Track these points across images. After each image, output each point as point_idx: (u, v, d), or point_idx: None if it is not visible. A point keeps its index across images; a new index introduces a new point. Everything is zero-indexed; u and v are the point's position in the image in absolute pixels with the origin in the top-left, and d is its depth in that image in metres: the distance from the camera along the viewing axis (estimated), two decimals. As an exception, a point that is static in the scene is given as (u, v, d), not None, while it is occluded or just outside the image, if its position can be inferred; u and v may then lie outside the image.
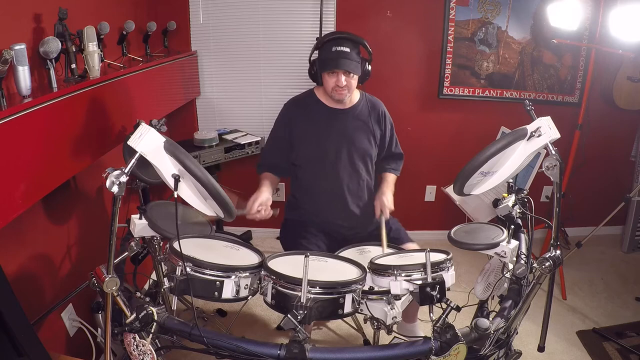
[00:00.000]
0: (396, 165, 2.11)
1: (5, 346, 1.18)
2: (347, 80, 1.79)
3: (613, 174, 3.14)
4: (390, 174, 2.07)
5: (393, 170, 2.09)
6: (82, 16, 1.75)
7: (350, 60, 1.75)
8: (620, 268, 2.94)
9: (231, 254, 1.38)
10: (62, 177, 1.51)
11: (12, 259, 1.52)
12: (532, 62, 2.87)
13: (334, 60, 1.75)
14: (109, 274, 1.11)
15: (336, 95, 1.84)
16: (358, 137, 1.94)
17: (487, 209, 2.32)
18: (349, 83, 1.81)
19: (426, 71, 2.88)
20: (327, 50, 1.77)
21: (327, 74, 1.81)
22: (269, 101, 2.91)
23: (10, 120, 1.20)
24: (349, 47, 1.75)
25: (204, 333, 1.14)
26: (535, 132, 1.19)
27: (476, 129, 2.90)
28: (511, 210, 1.57)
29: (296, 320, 1.07)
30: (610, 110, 2.84)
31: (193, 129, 2.92)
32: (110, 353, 1.21)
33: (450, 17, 2.74)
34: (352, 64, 1.76)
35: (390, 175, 2.06)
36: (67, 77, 1.62)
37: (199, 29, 2.80)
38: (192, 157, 1.12)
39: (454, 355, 1.15)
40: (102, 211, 2.11)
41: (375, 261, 1.30)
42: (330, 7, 2.72)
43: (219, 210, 1.21)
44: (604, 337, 2.24)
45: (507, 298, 1.39)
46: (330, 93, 1.85)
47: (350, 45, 1.76)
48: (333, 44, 1.76)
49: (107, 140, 1.76)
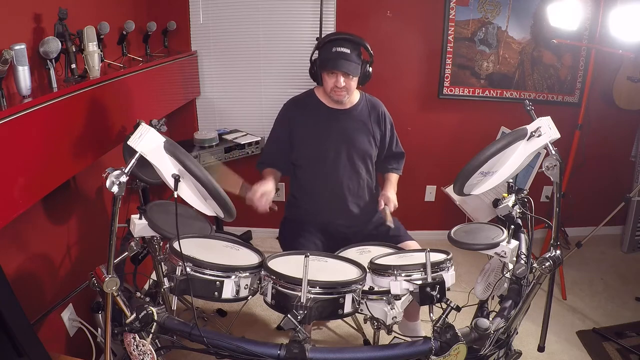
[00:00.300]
0: (398, 165, 2.12)
1: (5, 346, 1.18)
2: (346, 81, 1.80)
3: (613, 174, 3.14)
4: (393, 174, 2.08)
5: (395, 169, 2.10)
6: (82, 16, 1.75)
7: (350, 62, 1.75)
8: (620, 268, 2.94)
9: (231, 254, 1.38)
10: (62, 177, 1.51)
11: (12, 259, 1.52)
12: (532, 62, 2.87)
13: (333, 61, 1.76)
14: (109, 274, 1.11)
15: (335, 96, 1.85)
16: (358, 137, 1.94)
17: (487, 209, 2.32)
18: (348, 84, 1.81)
19: (426, 71, 2.88)
20: (328, 50, 1.78)
21: (327, 75, 1.81)
22: (269, 101, 2.91)
23: (10, 120, 1.20)
24: (349, 49, 1.76)
25: (204, 333, 1.14)
26: (535, 132, 1.19)
27: (476, 129, 2.90)
28: (511, 210, 1.57)
29: (296, 320, 1.07)
30: (610, 110, 2.84)
31: (193, 129, 2.92)
32: (110, 353, 1.21)
33: (450, 17, 2.74)
34: (351, 65, 1.76)
35: (392, 175, 2.08)
36: (67, 77, 1.62)
37: (199, 29, 2.80)
38: (192, 157, 1.12)
39: (454, 355, 1.15)
40: (102, 211, 2.11)
41: (375, 261, 1.30)
42: (330, 7, 2.72)
43: (219, 210, 1.21)
44: (604, 337, 2.24)
45: (507, 298, 1.38)
46: (329, 93, 1.86)
47: (350, 46, 1.76)
48: (334, 45, 1.76)
49: (107, 140, 1.76)
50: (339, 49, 1.75)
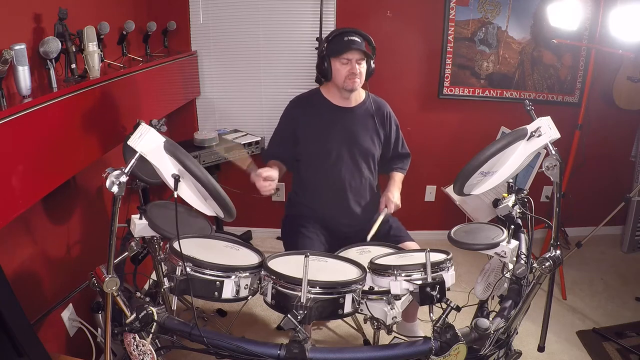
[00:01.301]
0: (403, 164, 2.13)
1: (5, 346, 1.18)
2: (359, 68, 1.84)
3: (613, 174, 3.14)
4: (398, 173, 2.09)
5: (400, 169, 2.11)
6: (82, 16, 1.75)
7: (361, 49, 1.82)
8: (620, 268, 2.94)
9: (231, 254, 1.38)
10: (62, 177, 1.51)
11: (12, 259, 1.52)
12: (532, 62, 2.87)
13: (347, 47, 1.81)
14: (109, 274, 1.11)
15: (349, 85, 1.86)
16: (361, 136, 1.95)
17: (487, 209, 2.32)
18: (360, 72, 1.85)
19: (426, 71, 2.88)
20: (339, 40, 1.84)
21: (340, 64, 1.84)
22: (269, 101, 2.91)
23: (10, 120, 1.20)
24: (359, 38, 1.85)
25: (204, 333, 1.14)
26: (535, 132, 1.19)
27: (476, 129, 2.90)
28: (511, 210, 1.57)
29: (296, 320, 1.07)
30: (610, 110, 2.84)
31: (193, 129, 2.92)
32: (110, 353, 1.21)
33: (450, 17, 2.74)
34: (363, 50, 1.83)
35: (397, 174, 2.08)
36: (67, 77, 1.62)
37: (199, 29, 2.80)
38: (192, 157, 1.12)
39: (454, 355, 1.15)
40: (102, 211, 2.11)
41: (375, 261, 1.30)
42: (330, 7, 2.72)
43: (219, 210, 1.21)
44: (604, 337, 2.24)
45: (507, 298, 1.38)
46: (342, 84, 1.86)
47: (359, 37, 1.86)
48: (344, 35, 1.85)
49: (107, 140, 1.76)
50: (351, 37, 1.84)
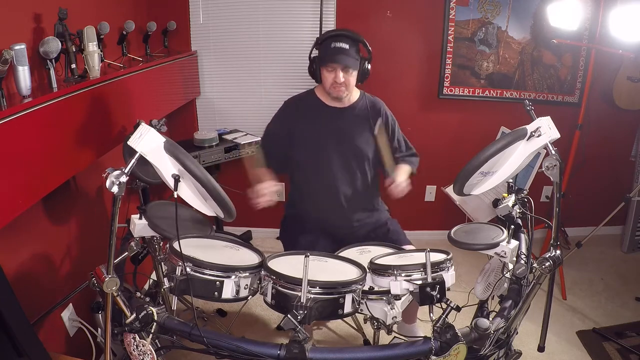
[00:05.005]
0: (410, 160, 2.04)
1: (5, 346, 1.18)
2: (345, 77, 1.79)
3: (613, 174, 3.14)
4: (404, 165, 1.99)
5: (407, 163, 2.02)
6: (82, 16, 1.75)
7: (348, 57, 1.76)
8: (620, 268, 2.94)
9: (231, 254, 1.38)
10: (62, 177, 1.51)
11: (12, 259, 1.52)
12: (532, 62, 2.87)
13: (332, 56, 1.77)
14: (109, 274, 1.11)
15: (334, 92, 1.84)
16: (355, 136, 1.93)
17: (487, 209, 2.32)
18: (347, 80, 1.80)
19: (426, 71, 2.88)
20: (326, 46, 1.79)
21: (326, 71, 1.81)
22: (269, 101, 2.91)
23: (10, 120, 1.20)
24: (347, 44, 1.77)
25: (204, 333, 1.14)
26: (535, 132, 1.19)
27: (476, 129, 2.90)
28: (511, 210, 1.56)
29: (296, 320, 1.07)
30: (610, 110, 2.84)
31: (193, 129, 2.92)
32: (110, 353, 1.21)
33: (450, 17, 2.74)
34: (349, 59, 1.76)
35: (403, 165, 1.99)
36: (67, 77, 1.62)
37: (199, 29, 2.80)
38: (192, 157, 1.12)
39: (454, 355, 1.15)
40: (102, 211, 2.11)
41: (375, 261, 1.30)
42: (330, 7, 2.72)
43: (219, 210, 1.21)
44: (604, 337, 2.24)
45: (507, 298, 1.38)
46: (328, 90, 1.85)
47: (349, 42, 1.78)
48: (332, 41, 1.78)
49: (107, 140, 1.76)
50: (338, 45, 1.76)
